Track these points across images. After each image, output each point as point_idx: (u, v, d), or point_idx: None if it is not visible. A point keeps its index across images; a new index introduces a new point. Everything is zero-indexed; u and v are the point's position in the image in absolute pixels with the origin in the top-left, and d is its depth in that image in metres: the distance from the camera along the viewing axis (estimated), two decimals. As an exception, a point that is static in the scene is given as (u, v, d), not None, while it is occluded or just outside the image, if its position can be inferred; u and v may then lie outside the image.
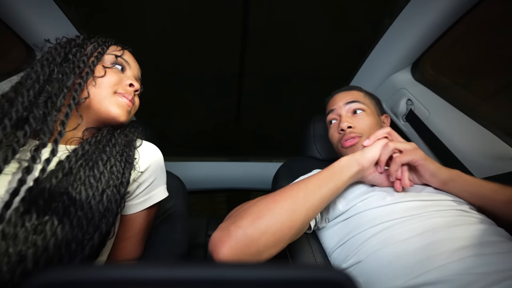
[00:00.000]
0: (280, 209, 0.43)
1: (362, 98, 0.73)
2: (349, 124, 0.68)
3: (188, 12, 0.91)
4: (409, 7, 0.85)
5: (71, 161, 0.44)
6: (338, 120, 0.73)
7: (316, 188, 0.46)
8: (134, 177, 0.52)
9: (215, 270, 0.16)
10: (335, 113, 0.74)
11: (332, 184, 0.48)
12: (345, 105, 0.72)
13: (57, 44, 0.52)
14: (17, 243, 0.34)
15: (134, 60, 0.59)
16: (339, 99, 0.74)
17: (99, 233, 0.42)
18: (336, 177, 0.49)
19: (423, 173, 0.54)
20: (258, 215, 0.42)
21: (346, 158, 0.52)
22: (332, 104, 0.76)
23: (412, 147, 0.53)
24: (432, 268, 0.40)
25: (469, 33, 0.89)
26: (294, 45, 1.07)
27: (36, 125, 0.42)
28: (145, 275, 0.15)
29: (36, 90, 0.45)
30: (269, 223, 0.41)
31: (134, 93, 0.56)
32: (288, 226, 0.42)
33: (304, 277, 0.16)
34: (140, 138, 0.58)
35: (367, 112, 0.70)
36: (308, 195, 0.45)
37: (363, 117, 0.69)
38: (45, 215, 0.37)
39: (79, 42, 0.53)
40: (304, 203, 0.44)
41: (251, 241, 0.39)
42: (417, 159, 0.52)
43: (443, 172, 0.53)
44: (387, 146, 0.52)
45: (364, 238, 0.49)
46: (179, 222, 0.71)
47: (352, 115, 0.71)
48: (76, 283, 0.15)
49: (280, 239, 0.42)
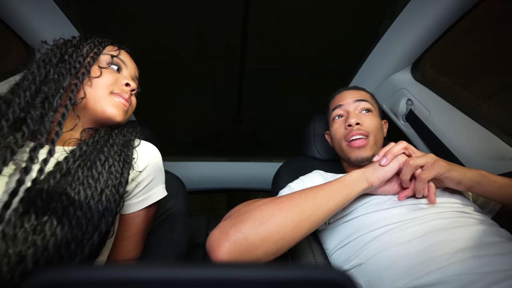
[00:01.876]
0: (284, 219, 0.41)
1: (370, 99, 0.73)
2: (358, 120, 0.67)
3: (188, 12, 0.91)
4: (409, 7, 0.85)
5: (69, 161, 0.44)
6: (345, 116, 0.71)
7: (324, 202, 0.45)
8: (132, 177, 0.52)
9: (215, 270, 0.16)
10: (342, 108, 0.72)
11: (339, 198, 0.47)
12: (354, 102, 0.71)
13: (54, 46, 0.52)
14: (17, 243, 0.35)
15: (131, 60, 0.59)
16: (348, 96, 0.73)
17: (98, 233, 0.42)
18: (345, 192, 0.48)
19: (448, 183, 0.51)
20: (261, 221, 0.40)
21: (357, 173, 0.50)
22: (339, 99, 0.74)
23: (433, 160, 0.50)
24: (433, 269, 0.40)
25: (469, 33, 0.89)
26: (294, 45, 1.07)
27: (34, 125, 0.42)
28: (145, 275, 0.15)
29: (33, 91, 0.45)
30: (271, 232, 0.40)
31: (131, 92, 0.56)
32: (291, 237, 0.41)
33: (304, 277, 0.16)
34: (138, 138, 0.58)
35: (374, 113, 0.70)
36: (315, 207, 0.44)
37: (371, 117, 0.69)
38: (44, 215, 0.38)
39: (75, 42, 0.53)
40: (310, 216, 0.43)
41: (251, 247, 0.39)
42: (442, 173, 0.49)
43: (469, 177, 0.50)
44: (408, 165, 0.49)
45: (365, 241, 0.50)
46: (179, 222, 0.71)
47: (359, 113, 0.70)
48: (76, 283, 0.15)
49: (281, 248, 0.41)
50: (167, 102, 1.38)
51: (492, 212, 0.59)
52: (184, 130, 1.56)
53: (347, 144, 0.68)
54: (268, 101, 1.42)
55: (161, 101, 1.34)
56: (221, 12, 0.92)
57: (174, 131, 1.50)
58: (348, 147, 0.68)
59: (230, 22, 0.96)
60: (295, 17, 0.96)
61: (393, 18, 0.90)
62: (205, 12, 0.92)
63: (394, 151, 0.51)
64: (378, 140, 0.68)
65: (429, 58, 0.94)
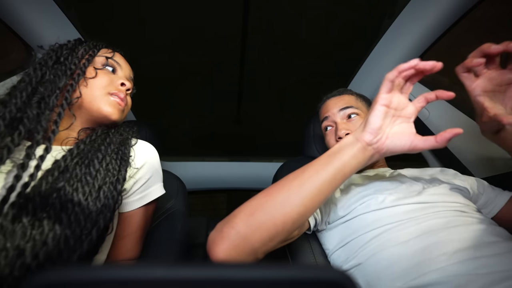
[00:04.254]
0: (273, 203, 0.39)
1: (354, 102, 0.72)
2: (347, 131, 0.66)
3: (188, 12, 0.91)
4: (409, 7, 0.85)
5: (66, 159, 0.45)
6: (333, 127, 0.72)
7: (313, 173, 0.40)
8: (130, 174, 0.53)
9: (215, 270, 0.17)
10: (329, 120, 0.72)
11: (331, 167, 0.40)
12: (339, 112, 0.70)
13: (50, 49, 0.54)
14: (15, 237, 0.35)
15: (126, 62, 0.61)
16: (332, 105, 0.73)
17: (97, 228, 0.42)
18: (336, 158, 0.41)
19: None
20: (250, 212, 0.39)
21: (347, 137, 0.43)
22: (325, 111, 0.75)
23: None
24: (431, 270, 0.41)
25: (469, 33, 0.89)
26: (294, 45, 1.07)
27: (30, 124, 0.44)
28: (145, 275, 0.16)
29: (29, 92, 0.47)
30: (261, 219, 0.38)
31: (126, 92, 0.57)
32: (282, 221, 0.38)
33: (304, 277, 0.16)
34: (135, 137, 0.59)
35: (361, 116, 0.70)
36: (303, 182, 0.40)
37: (358, 121, 0.68)
38: (42, 211, 0.38)
39: (70, 46, 0.55)
40: (299, 192, 0.39)
41: (244, 240, 0.38)
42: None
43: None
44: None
45: (364, 241, 0.50)
46: (179, 222, 0.71)
47: (347, 120, 0.70)
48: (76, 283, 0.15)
49: (275, 234, 0.38)
50: (168, 102, 1.38)
51: (491, 214, 0.59)
52: (184, 130, 1.56)
53: None
54: (268, 101, 1.42)
55: (161, 101, 1.34)
56: (221, 12, 0.92)
57: (174, 131, 1.50)
58: None
59: (230, 22, 0.96)
60: (296, 17, 0.96)
61: (393, 18, 0.90)
62: (205, 12, 0.92)
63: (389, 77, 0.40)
64: None
65: (429, 58, 0.94)
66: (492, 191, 0.61)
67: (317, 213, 0.55)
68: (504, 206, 0.58)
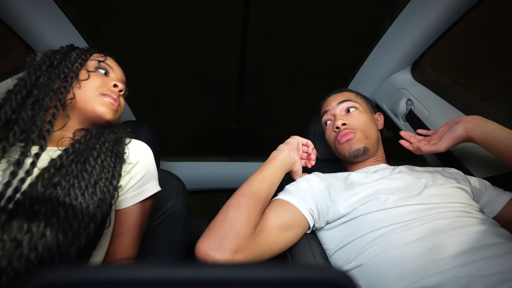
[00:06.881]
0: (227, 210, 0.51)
1: (353, 97, 0.77)
2: (344, 121, 0.70)
3: (188, 12, 0.91)
4: (409, 7, 0.85)
5: (62, 158, 0.46)
6: (332, 120, 0.75)
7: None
8: (125, 170, 0.54)
9: (215, 270, 0.16)
10: (329, 113, 0.77)
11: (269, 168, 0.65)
12: (338, 105, 0.75)
13: (43, 55, 0.56)
14: (11, 230, 0.36)
15: (118, 65, 0.63)
16: (332, 100, 0.78)
17: (94, 222, 0.44)
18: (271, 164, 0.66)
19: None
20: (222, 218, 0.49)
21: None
22: (325, 106, 0.79)
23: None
24: (433, 273, 0.41)
25: (468, 33, 0.89)
26: (294, 45, 1.07)
27: (25, 125, 0.46)
28: (145, 275, 0.15)
29: (24, 94, 0.49)
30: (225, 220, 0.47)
31: (119, 93, 0.59)
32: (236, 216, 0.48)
33: (304, 277, 0.16)
34: (129, 136, 0.60)
35: (359, 109, 0.73)
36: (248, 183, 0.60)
37: (357, 115, 0.72)
38: (39, 205, 0.39)
39: (63, 51, 0.58)
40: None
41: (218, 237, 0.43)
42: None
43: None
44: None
45: (366, 242, 0.49)
46: (179, 222, 0.71)
47: (346, 113, 0.73)
48: (75, 283, 0.15)
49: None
50: (168, 102, 1.38)
51: (492, 214, 0.59)
52: (185, 130, 1.56)
53: (338, 143, 0.71)
54: (268, 101, 1.42)
55: (161, 101, 1.34)
56: (222, 12, 0.92)
57: (174, 131, 1.50)
58: (339, 145, 0.71)
59: (230, 22, 0.96)
60: (296, 17, 0.96)
61: (393, 18, 0.90)
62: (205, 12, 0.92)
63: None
64: (369, 134, 0.70)
65: (428, 58, 0.94)
66: (494, 191, 0.61)
67: (312, 210, 0.55)
68: (505, 207, 0.58)
